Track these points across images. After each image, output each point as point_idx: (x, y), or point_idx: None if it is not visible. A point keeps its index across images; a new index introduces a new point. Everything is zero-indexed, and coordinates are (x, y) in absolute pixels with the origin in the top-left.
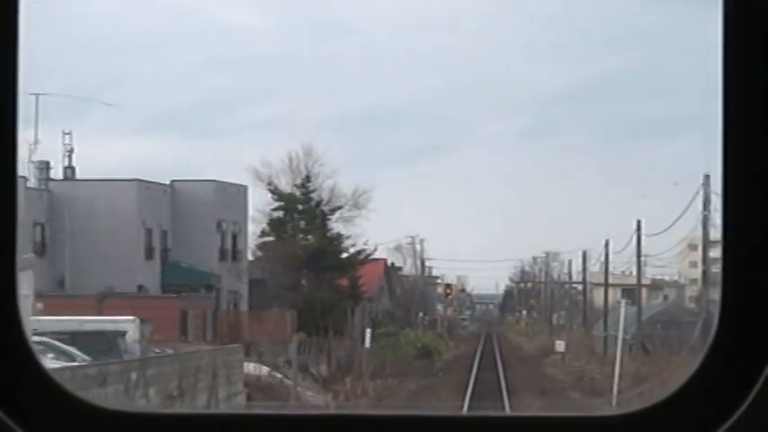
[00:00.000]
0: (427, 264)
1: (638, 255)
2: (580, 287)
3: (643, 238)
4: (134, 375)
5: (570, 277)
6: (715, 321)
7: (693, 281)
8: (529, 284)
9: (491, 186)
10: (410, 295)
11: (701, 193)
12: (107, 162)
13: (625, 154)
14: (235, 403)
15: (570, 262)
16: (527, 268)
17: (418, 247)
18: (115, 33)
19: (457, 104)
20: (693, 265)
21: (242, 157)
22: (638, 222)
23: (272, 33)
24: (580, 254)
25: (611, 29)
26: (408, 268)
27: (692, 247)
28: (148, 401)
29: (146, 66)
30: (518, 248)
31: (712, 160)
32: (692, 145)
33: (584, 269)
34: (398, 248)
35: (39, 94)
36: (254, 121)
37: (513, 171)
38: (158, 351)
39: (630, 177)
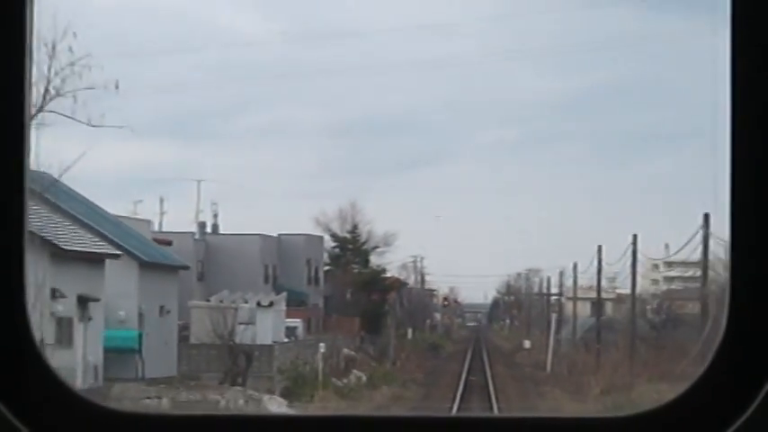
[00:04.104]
0: (426, 278)
1: (575, 279)
2: (559, 299)
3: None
4: (316, 347)
5: (541, 291)
6: (722, 325)
7: (654, 296)
8: (512, 297)
9: (484, 198)
10: (415, 306)
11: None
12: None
13: (620, 167)
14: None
15: (541, 280)
16: (512, 282)
17: (419, 264)
18: (115, 36)
19: (454, 113)
20: (655, 282)
21: (241, 163)
22: (576, 264)
23: (271, 39)
24: (558, 270)
25: (612, 39)
26: (411, 282)
27: (655, 266)
28: (321, 359)
29: (147, 71)
30: (505, 263)
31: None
32: (689, 158)
33: (549, 287)
34: (404, 266)
35: (200, 180)
36: (251, 127)
37: (506, 182)
38: (310, 338)
39: (624, 191)
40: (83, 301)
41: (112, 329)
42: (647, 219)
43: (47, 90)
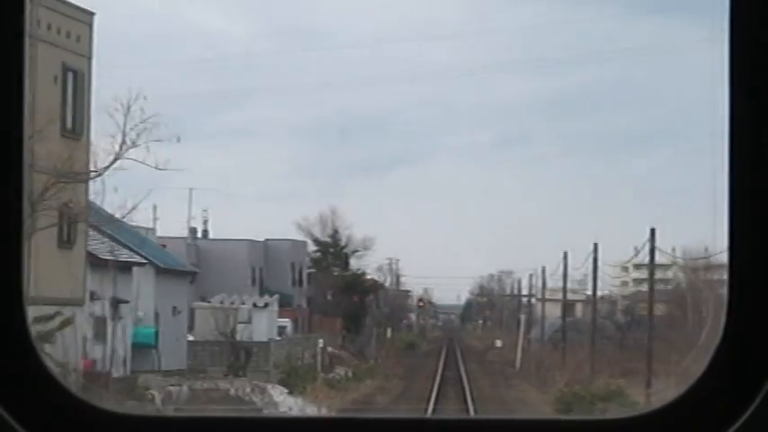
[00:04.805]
0: (401, 279)
1: (543, 282)
2: (528, 300)
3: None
4: (304, 344)
5: (512, 292)
6: (721, 324)
7: (625, 297)
8: (485, 298)
9: (458, 199)
10: (391, 306)
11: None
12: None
13: (595, 167)
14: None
15: (513, 282)
16: (485, 284)
17: (394, 266)
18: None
19: (428, 114)
20: (624, 284)
21: (213, 163)
22: (544, 268)
23: (247, 39)
24: (531, 273)
25: (588, 42)
26: (387, 284)
27: (624, 269)
28: (310, 354)
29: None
30: (479, 265)
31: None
32: (662, 159)
33: (520, 289)
34: (380, 268)
35: (192, 188)
36: (226, 127)
37: (480, 183)
38: (298, 336)
39: (598, 192)
40: (115, 303)
41: (132, 327)
42: (620, 219)
43: (123, 142)
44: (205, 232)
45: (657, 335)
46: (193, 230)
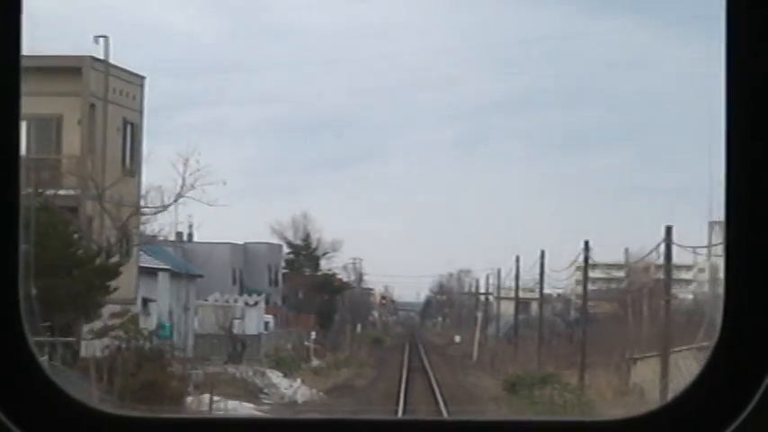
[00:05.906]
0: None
1: (498, 282)
2: (485, 299)
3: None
4: (286, 338)
5: (470, 290)
6: (718, 323)
7: (579, 296)
8: (444, 296)
9: (418, 197)
10: (356, 304)
11: None
12: None
13: (556, 166)
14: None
15: (471, 280)
16: (444, 282)
17: (358, 266)
18: (58, 32)
19: (390, 112)
20: (579, 282)
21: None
22: (499, 271)
23: (211, 37)
24: (489, 272)
25: (549, 40)
26: (352, 282)
27: (579, 268)
28: (291, 345)
29: None
30: (438, 264)
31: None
32: (624, 157)
33: (478, 287)
34: (345, 267)
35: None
36: (189, 125)
37: (442, 182)
38: (281, 331)
39: (560, 190)
40: (145, 302)
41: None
42: (584, 218)
43: (183, 184)
44: (190, 236)
45: (604, 330)
46: (179, 234)
